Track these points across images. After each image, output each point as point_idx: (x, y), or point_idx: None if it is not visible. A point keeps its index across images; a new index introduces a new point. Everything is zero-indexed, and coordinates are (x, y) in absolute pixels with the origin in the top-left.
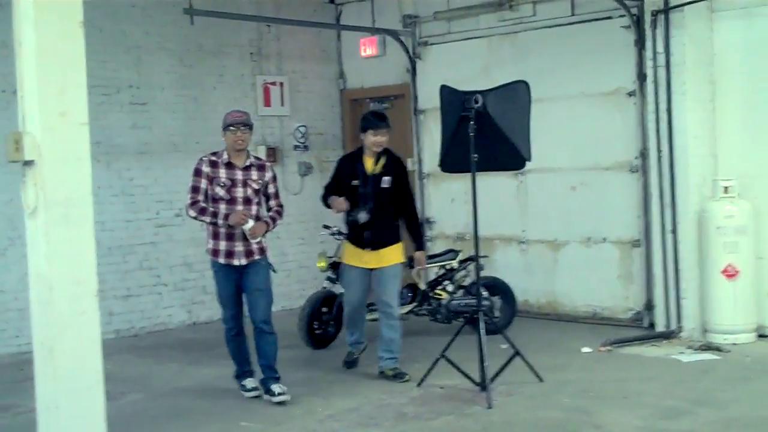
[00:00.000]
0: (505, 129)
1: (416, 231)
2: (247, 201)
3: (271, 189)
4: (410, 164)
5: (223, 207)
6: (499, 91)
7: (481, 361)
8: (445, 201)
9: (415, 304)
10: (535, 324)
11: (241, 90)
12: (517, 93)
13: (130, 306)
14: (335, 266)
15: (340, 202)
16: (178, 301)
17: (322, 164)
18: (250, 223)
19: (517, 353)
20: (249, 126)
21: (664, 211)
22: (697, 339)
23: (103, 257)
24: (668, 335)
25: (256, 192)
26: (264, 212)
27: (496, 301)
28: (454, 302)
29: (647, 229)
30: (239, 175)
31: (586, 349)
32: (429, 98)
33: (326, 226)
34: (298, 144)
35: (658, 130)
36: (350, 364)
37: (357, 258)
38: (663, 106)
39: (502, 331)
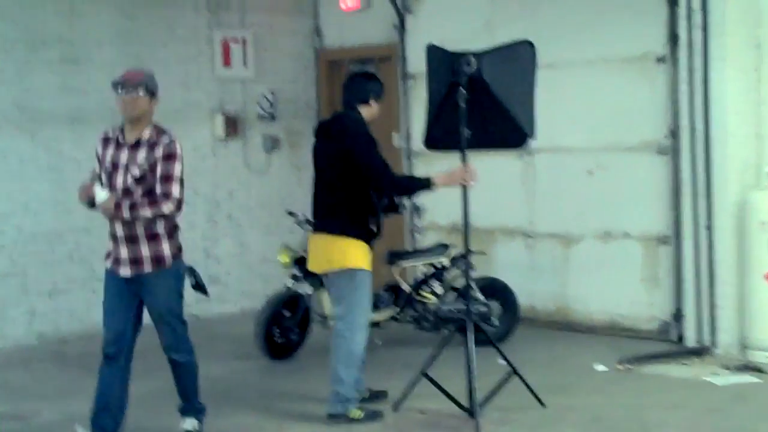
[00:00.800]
0: (504, 99)
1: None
2: (125, 192)
3: (159, 170)
4: (396, 140)
5: None
6: (497, 52)
7: (470, 381)
8: None
9: (396, 308)
10: (541, 335)
11: (196, 47)
12: (520, 56)
13: (56, 304)
14: (301, 261)
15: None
16: None
17: (292, 138)
18: (101, 194)
19: (514, 371)
20: (140, 88)
21: (698, 202)
22: (734, 357)
23: (25, 245)
24: (700, 352)
25: (138, 180)
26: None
27: (495, 306)
28: (444, 307)
29: (677, 223)
30: (124, 156)
31: (600, 367)
32: (421, 60)
33: (291, 213)
34: (263, 113)
35: (691, 104)
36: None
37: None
38: (698, 75)
39: (499, 344)
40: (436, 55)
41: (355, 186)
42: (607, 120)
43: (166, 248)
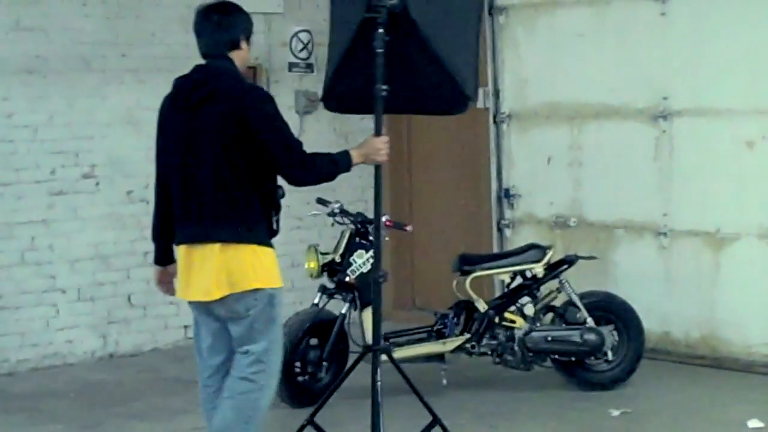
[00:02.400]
0: (439, 45)
1: None
2: None
3: None
4: (481, 97)
5: None
6: None
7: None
8: (536, 161)
9: (469, 335)
10: (677, 373)
11: None
12: None
13: (2, 326)
14: (333, 271)
15: None
16: (86, 318)
17: None
18: None
19: (436, 421)
20: None
21: None
22: None
23: None
24: None
25: None
26: None
27: (608, 334)
28: (537, 334)
29: None
30: None
31: (755, 423)
32: None
33: (322, 201)
34: (296, 62)
35: None
36: None
37: None
38: None
39: (615, 386)
40: None
41: (255, 173)
42: None
43: None
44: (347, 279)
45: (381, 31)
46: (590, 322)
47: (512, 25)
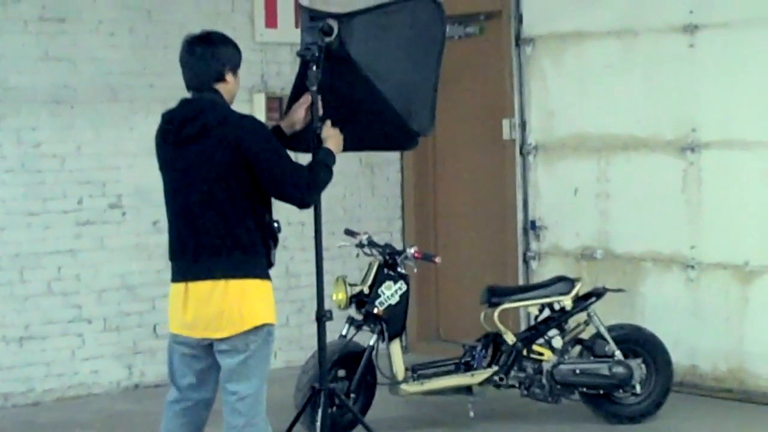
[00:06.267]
0: (382, 82)
1: None
2: None
3: None
4: (507, 128)
5: None
6: (377, 13)
7: None
8: (563, 192)
9: (496, 368)
10: (706, 408)
11: (228, 0)
12: (417, 19)
13: (28, 355)
14: (361, 302)
15: None
16: (111, 348)
17: None
18: None
19: None
20: None
21: None
22: None
23: None
24: None
25: None
26: None
27: (636, 367)
28: (565, 367)
29: None
30: None
31: None
32: (542, 17)
33: (350, 232)
34: None
35: None
36: None
37: None
38: None
39: (643, 419)
40: (305, 20)
41: (253, 203)
42: None
43: None
44: (375, 311)
45: (314, 69)
46: (618, 355)
47: (539, 56)
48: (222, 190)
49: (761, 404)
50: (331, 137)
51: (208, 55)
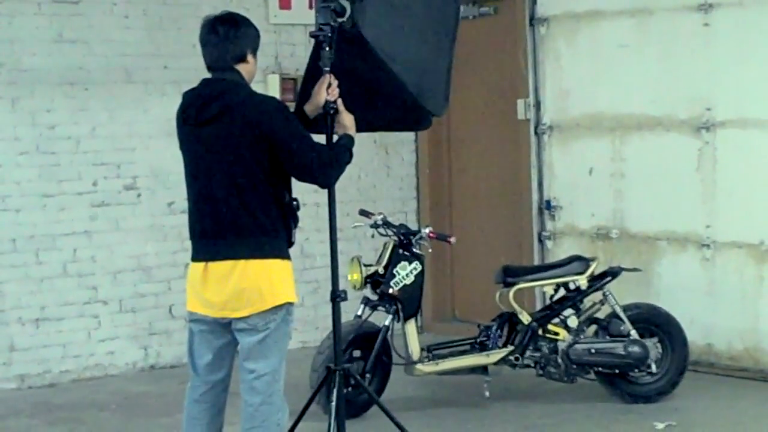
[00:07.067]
0: (396, 65)
1: None
2: None
3: None
4: (522, 108)
5: None
6: None
7: None
8: (578, 172)
9: (512, 348)
10: (722, 386)
11: None
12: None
13: (44, 337)
14: (376, 282)
15: None
16: (127, 329)
17: None
18: None
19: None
20: None
21: None
22: None
23: (1, 255)
24: None
25: None
26: None
27: (652, 346)
28: (581, 346)
29: None
30: None
31: None
32: None
33: (365, 213)
34: None
35: None
36: None
37: None
38: None
39: (659, 398)
40: (318, 1)
41: (274, 183)
42: None
43: None
44: (390, 291)
45: (327, 49)
46: (634, 334)
47: (554, 36)
48: (243, 171)
49: None
50: (349, 122)
51: (232, 35)
